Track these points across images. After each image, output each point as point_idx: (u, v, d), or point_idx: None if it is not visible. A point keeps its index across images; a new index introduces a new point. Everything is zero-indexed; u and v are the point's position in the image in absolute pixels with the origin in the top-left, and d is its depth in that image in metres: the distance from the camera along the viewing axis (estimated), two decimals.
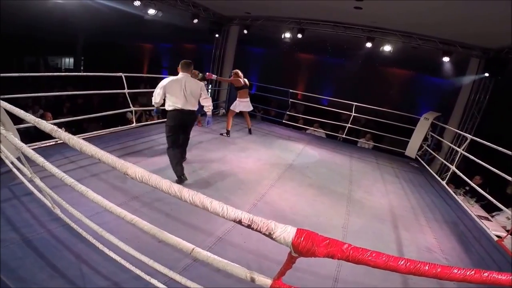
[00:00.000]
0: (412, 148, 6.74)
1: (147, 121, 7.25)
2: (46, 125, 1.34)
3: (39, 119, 1.40)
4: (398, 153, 7.05)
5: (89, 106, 8.28)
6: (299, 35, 7.83)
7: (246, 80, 6.32)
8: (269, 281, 1.10)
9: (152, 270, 1.90)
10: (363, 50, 8.31)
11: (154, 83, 4.54)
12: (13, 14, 7.86)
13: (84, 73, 5.39)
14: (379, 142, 7.73)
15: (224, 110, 8.94)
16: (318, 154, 6.03)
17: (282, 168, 4.79)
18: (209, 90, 11.09)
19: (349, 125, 7.33)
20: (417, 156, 6.70)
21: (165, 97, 3.72)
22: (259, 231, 0.84)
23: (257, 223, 0.84)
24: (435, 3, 4.58)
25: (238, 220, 0.87)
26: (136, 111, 5.82)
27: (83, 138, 3.86)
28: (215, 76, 6.30)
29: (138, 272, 1.85)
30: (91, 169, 3.55)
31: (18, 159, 2.43)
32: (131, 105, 5.39)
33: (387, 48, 7.21)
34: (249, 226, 0.85)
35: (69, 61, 15.12)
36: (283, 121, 8.29)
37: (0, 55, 8.85)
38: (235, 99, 6.40)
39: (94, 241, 2.02)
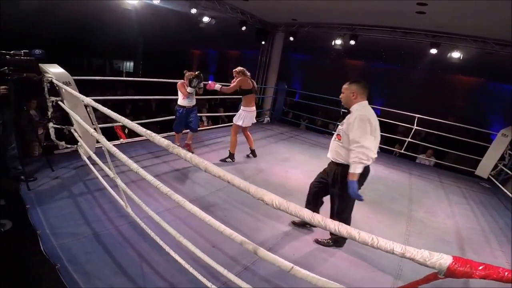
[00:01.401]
0: (486, 167, 6.02)
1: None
2: (161, 140, 1.39)
3: (153, 133, 1.45)
4: (464, 171, 6.36)
5: (148, 109, 8.80)
6: (352, 42, 7.50)
7: (254, 82, 4.76)
8: None
9: (207, 274, 1.94)
10: (424, 56, 7.70)
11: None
12: (84, 18, 8.65)
13: (153, 79, 5.64)
14: (441, 159, 7.07)
15: (269, 119, 8.84)
16: (372, 169, 5.58)
17: None
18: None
19: (409, 139, 6.73)
20: (490, 176, 5.98)
21: None
22: (412, 259, 0.91)
23: (410, 251, 0.91)
24: None
25: (390, 250, 0.93)
26: None
27: (144, 140, 4.05)
28: (219, 85, 4.57)
29: (198, 275, 1.85)
30: (153, 169, 3.75)
31: (98, 154, 2.59)
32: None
33: (456, 54, 6.52)
34: (402, 255, 0.92)
35: (129, 64, 16.28)
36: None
37: (73, 57, 9.77)
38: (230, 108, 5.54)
39: (161, 242, 2.06)
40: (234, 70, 4.64)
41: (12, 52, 2.82)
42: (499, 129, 6.14)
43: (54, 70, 3.38)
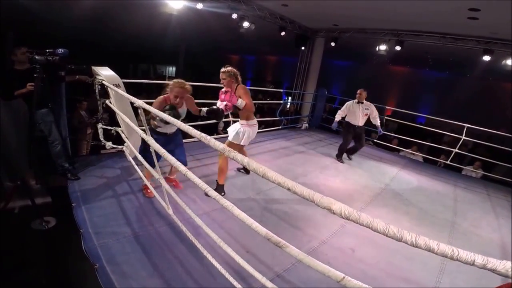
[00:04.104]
0: None
1: None
2: (217, 143, 1.40)
3: (208, 136, 1.47)
4: None
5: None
6: (398, 48, 7.20)
7: None
8: None
9: (240, 279, 1.93)
10: (475, 63, 7.27)
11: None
12: (131, 27, 9.10)
13: (193, 83, 5.80)
14: (489, 171, 6.52)
15: (307, 125, 8.69)
16: (415, 180, 5.39)
17: (374, 191, 4.41)
18: (288, 103, 11.08)
19: (456, 150, 6.29)
20: None
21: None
22: (493, 270, 0.88)
23: (493, 262, 0.88)
24: None
25: (470, 261, 0.89)
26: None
27: (185, 142, 4.07)
28: (241, 101, 3.29)
29: (233, 281, 1.82)
30: (193, 172, 3.76)
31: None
32: (230, 115, 5.72)
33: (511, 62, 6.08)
34: (483, 266, 0.89)
35: (171, 69, 17.03)
36: (375, 140, 7.63)
37: (121, 63, 10.33)
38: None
39: (198, 245, 2.06)
40: (224, 70, 3.35)
41: (35, 51, 2.91)
42: None
43: (105, 73, 3.56)
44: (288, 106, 11.10)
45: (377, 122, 5.46)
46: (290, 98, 11.24)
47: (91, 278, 1.97)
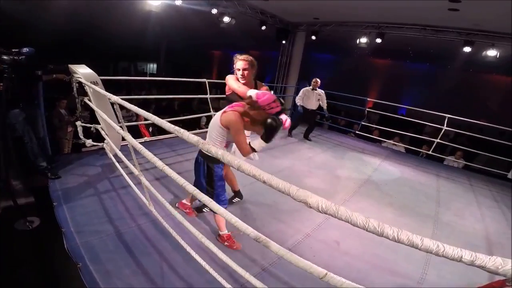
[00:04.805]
0: None
1: None
2: (191, 136, 1.36)
3: (181, 129, 1.42)
4: (496, 174, 6.02)
5: (171, 108, 8.98)
6: (378, 40, 7.27)
7: None
8: None
9: (225, 274, 1.95)
10: (455, 54, 7.36)
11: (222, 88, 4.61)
12: (109, 24, 8.88)
13: (174, 78, 5.75)
14: (471, 161, 6.71)
15: (289, 118, 8.67)
16: (398, 170, 5.49)
17: (357, 183, 4.45)
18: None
19: (438, 140, 6.37)
20: None
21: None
22: (482, 267, 0.84)
23: (481, 259, 0.84)
24: None
25: (457, 257, 0.85)
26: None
27: (168, 138, 4.11)
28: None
29: (217, 276, 1.82)
30: (176, 167, 3.67)
31: (123, 152, 2.63)
32: (211, 109, 5.65)
33: (492, 52, 6.17)
34: (471, 263, 0.85)
35: (152, 66, 16.91)
36: (357, 132, 7.73)
37: (100, 61, 10.15)
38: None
39: (181, 242, 2.05)
40: (245, 58, 2.76)
41: (1, 50, 2.79)
42: None
43: (82, 71, 3.49)
44: None
45: (325, 106, 6.52)
46: (272, 92, 11.23)
47: (76, 278, 1.93)
